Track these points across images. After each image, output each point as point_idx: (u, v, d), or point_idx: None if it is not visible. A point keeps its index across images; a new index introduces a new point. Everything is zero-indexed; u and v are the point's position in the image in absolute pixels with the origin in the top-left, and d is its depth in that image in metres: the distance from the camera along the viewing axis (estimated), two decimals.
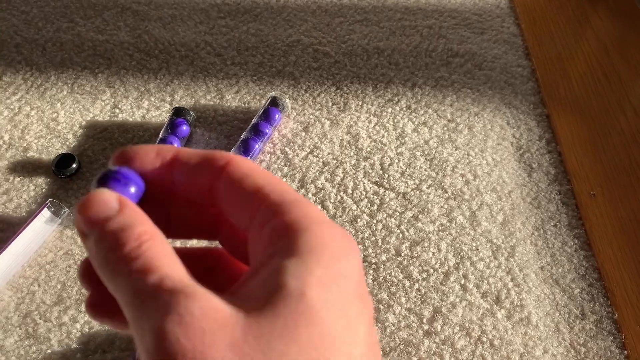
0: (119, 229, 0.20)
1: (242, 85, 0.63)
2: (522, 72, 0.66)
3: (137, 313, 0.18)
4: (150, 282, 0.18)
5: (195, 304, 0.18)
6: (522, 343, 0.47)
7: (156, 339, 0.17)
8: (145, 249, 0.20)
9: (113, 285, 0.20)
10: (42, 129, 0.58)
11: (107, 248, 0.20)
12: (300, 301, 0.18)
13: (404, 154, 0.57)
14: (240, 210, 0.22)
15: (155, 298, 0.18)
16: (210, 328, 0.17)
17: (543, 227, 0.54)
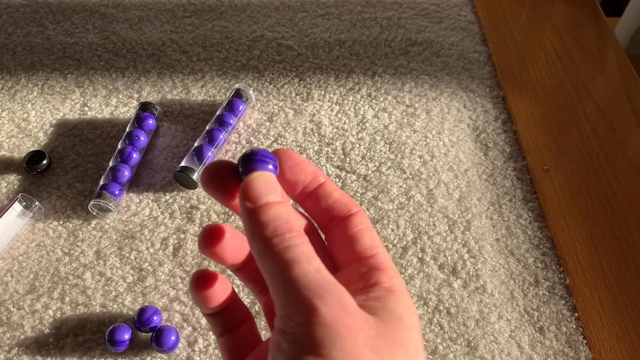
0: (287, 215, 0.24)
1: (207, 79, 0.65)
2: (479, 58, 0.68)
3: (297, 285, 0.22)
4: (314, 266, 0.23)
5: (348, 298, 0.23)
6: (477, 310, 0.49)
7: (320, 307, 0.21)
8: (303, 241, 0.24)
9: (268, 255, 0.23)
10: (13, 129, 0.60)
11: (275, 226, 0.24)
12: (412, 332, 0.24)
13: (365, 139, 0.60)
14: (346, 250, 0.27)
15: (319, 280, 0.22)
16: (359, 319, 0.22)
17: (498, 202, 0.56)
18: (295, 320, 0.22)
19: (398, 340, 0.23)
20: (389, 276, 0.26)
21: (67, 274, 0.50)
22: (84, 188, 0.56)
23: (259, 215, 0.24)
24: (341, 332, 0.21)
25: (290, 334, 0.22)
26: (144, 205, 0.54)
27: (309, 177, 0.28)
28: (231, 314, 0.30)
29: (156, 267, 0.50)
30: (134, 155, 0.56)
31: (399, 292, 0.25)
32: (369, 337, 0.22)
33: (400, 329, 0.23)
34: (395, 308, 0.24)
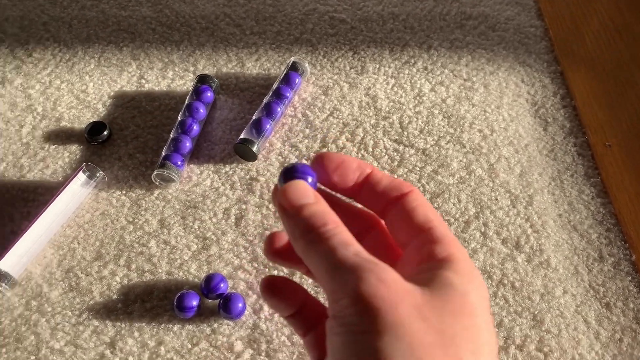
0: (320, 212, 0.26)
1: (261, 53, 0.65)
2: (535, 32, 0.67)
3: (339, 270, 0.24)
4: (352, 251, 0.24)
5: (388, 272, 0.23)
6: (542, 284, 0.48)
7: (360, 286, 0.22)
8: (340, 230, 0.25)
9: (311, 251, 0.25)
10: (72, 100, 0.61)
11: (310, 224, 0.25)
12: (464, 298, 0.24)
13: (422, 113, 0.59)
14: (405, 229, 0.28)
15: (357, 261, 0.23)
16: (400, 290, 0.23)
17: (560, 177, 0.55)
18: (342, 303, 0.23)
19: (448, 306, 0.23)
20: (445, 246, 0.26)
21: (132, 242, 0.51)
22: (144, 159, 0.56)
23: (294, 217, 0.26)
24: (382, 306, 0.22)
25: (339, 317, 0.23)
26: (204, 177, 0.55)
27: (356, 172, 0.29)
28: (308, 313, 0.31)
29: (219, 237, 0.51)
30: (195, 127, 0.56)
31: (456, 260, 0.25)
32: (413, 306, 0.22)
33: (450, 296, 0.23)
34: (448, 276, 0.24)
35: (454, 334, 0.22)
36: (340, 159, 0.29)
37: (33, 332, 0.46)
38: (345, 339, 0.23)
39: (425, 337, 0.22)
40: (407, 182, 0.29)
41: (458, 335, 0.22)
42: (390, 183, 0.29)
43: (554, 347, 0.45)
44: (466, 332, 0.23)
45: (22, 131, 0.58)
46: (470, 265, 0.26)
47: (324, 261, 0.24)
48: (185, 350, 0.45)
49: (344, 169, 0.29)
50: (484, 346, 0.23)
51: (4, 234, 0.51)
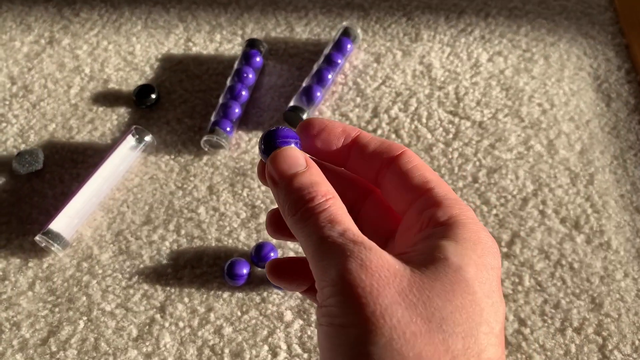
0: (308, 183, 0.23)
1: (311, 17, 0.63)
2: (600, 2, 0.63)
3: (323, 254, 0.22)
4: (337, 231, 0.22)
5: (373, 254, 0.21)
6: (602, 267, 0.47)
7: (340, 274, 0.21)
8: (330, 204, 0.23)
9: (298, 230, 0.23)
10: (120, 62, 0.60)
11: (297, 198, 0.23)
12: (458, 273, 0.21)
13: (479, 84, 0.57)
14: (402, 195, 0.25)
15: (341, 244, 0.21)
16: (385, 275, 0.21)
17: (622, 156, 0.53)
18: (325, 292, 0.21)
19: (437, 287, 0.21)
20: (445, 209, 0.23)
21: (182, 208, 0.50)
22: (193, 124, 0.55)
23: (283, 190, 0.24)
24: (362, 295, 0.20)
25: (324, 307, 0.21)
26: (253, 144, 0.54)
27: (341, 137, 0.26)
28: None
29: (269, 205, 0.50)
30: (244, 92, 0.55)
31: (458, 225, 0.22)
32: (398, 292, 0.20)
33: (442, 274, 0.21)
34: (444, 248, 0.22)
35: (442, 318, 0.20)
36: (323, 123, 0.26)
37: (85, 294, 0.46)
38: (327, 331, 0.21)
39: (408, 327, 0.20)
40: (397, 144, 0.26)
41: (447, 319, 0.20)
42: (380, 145, 0.26)
43: (613, 331, 0.44)
44: (458, 314, 0.20)
45: (70, 92, 0.58)
46: (475, 228, 0.23)
47: (310, 242, 0.22)
48: (235, 317, 0.45)
49: (327, 134, 0.26)
50: (481, 326, 0.20)
51: (54, 195, 0.51)
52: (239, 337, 0.44)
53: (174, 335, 0.44)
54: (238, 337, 0.44)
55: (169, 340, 0.44)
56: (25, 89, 0.58)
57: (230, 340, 0.44)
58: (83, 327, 0.45)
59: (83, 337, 0.44)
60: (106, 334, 0.44)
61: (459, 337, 0.20)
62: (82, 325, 0.45)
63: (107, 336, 0.44)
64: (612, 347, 0.43)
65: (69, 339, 0.44)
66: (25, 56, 0.61)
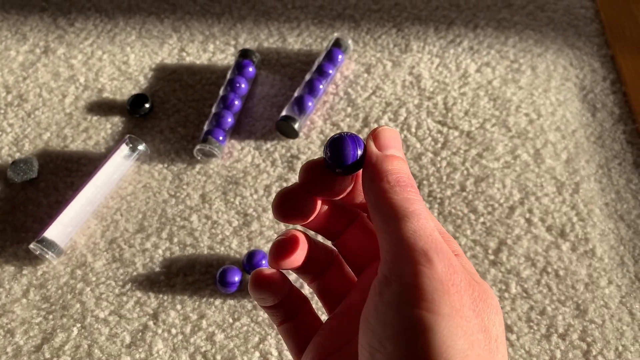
0: (408, 173, 0.24)
1: (303, 28, 0.64)
2: (586, 14, 0.65)
3: (411, 237, 0.22)
4: (431, 225, 0.23)
5: (454, 259, 0.23)
6: (587, 274, 0.48)
7: (431, 267, 0.22)
8: (420, 199, 0.24)
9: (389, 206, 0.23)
10: (114, 72, 0.61)
11: (400, 177, 0.24)
12: (498, 305, 0.24)
13: (468, 94, 0.58)
14: None
15: (434, 239, 0.22)
16: (464, 280, 0.22)
17: (607, 165, 0.54)
18: (406, 269, 0.22)
19: (488, 302, 0.23)
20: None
21: (174, 216, 0.51)
22: (186, 133, 0.56)
23: (385, 162, 0.24)
24: (450, 289, 0.21)
25: (396, 283, 0.22)
26: (245, 153, 0.55)
27: None
28: (289, 302, 0.29)
29: (260, 213, 0.51)
30: (236, 102, 0.55)
31: None
32: (472, 299, 0.22)
33: (490, 299, 0.23)
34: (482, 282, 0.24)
35: (497, 336, 0.22)
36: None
37: (78, 301, 0.47)
38: (399, 311, 0.22)
39: (477, 334, 0.22)
40: None
41: (499, 339, 0.23)
42: None
43: (597, 337, 0.45)
44: (501, 336, 0.23)
45: (65, 101, 0.59)
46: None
47: (402, 220, 0.23)
48: (227, 324, 0.46)
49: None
50: (506, 356, 0.23)
51: (49, 203, 0.52)
52: (230, 344, 0.45)
53: (166, 342, 0.45)
54: (230, 344, 0.45)
55: (162, 347, 0.45)
56: (20, 98, 0.59)
57: (222, 347, 0.45)
58: (77, 334, 0.45)
59: (77, 343, 0.45)
60: (99, 340, 0.45)
61: (501, 355, 0.23)
62: (76, 332, 0.45)
63: (100, 343, 0.45)
64: (596, 353, 0.44)
65: (62, 346, 0.45)
66: (21, 65, 0.61)
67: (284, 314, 0.29)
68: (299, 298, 0.29)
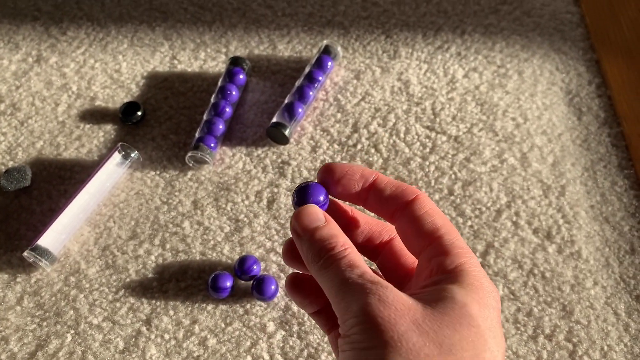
0: (328, 235, 0.28)
1: (293, 35, 0.65)
2: (571, 19, 0.66)
3: (345, 293, 0.26)
4: (356, 273, 0.26)
5: (389, 292, 0.25)
6: (572, 275, 0.48)
7: (362, 308, 0.25)
8: (348, 252, 0.27)
9: (322, 275, 0.27)
10: (106, 80, 0.61)
11: (320, 248, 0.28)
12: (464, 309, 0.25)
13: (455, 99, 0.59)
14: (414, 240, 0.29)
15: (361, 284, 0.25)
16: (400, 307, 0.25)
17: (593, 168, 0.55)
18: (348, 323, 0.25)
19: (445, 319, 0.24)
20: (453, 258, 0.27)
21: (167, 222, 0.52)
22: (178, 140, 0.57)
23: (307, 241, 0.28)
24: (382, 323, 0.24)
25: (347, 336, 0.25)
26: (237, 159, 0.55)
27: (360, 181, 0.30)
28: (333, 311, 0.31)
29: (252, 219, 0.52)
30: (227, 109, 0.56)
31: (463, 273, 0.26)
32: (412, 322, 0.24)
33: (449, 309, 0.25)
34: (451, 290, 0.25)
35: (451, 344, 0.24)
36: (343, 170, 0.30)
37: (72, 307, 0.47)
38: (352, 355, 0.25)
39: (423, 349, 0.23)
40: (412, 187, 0.29)
41: (456, 345, 0.24)
42: (396, 189, 0.29)
43: (583, 337, 0.46)
44: (465, 342, 0.24)
45: (57, 110, 0.59)
46: (478, 275, 0.27)
47: (333, 284, 0.27)
48: (219, 329, 0.46)
49: (347, 180, 0.30)
50: (485, 352, 0.24)
51: (42, 211, 0.53)
52: (223, 348, 0.45)
53: (159, 347, 0.46)
54: (222, 348, 0.45)
55: (155, 352, 0.45)
56: (13, 107, 0.59)
57: (214, 352, 0.45)
58: (70, 340, 0.46)
59: (70, 350, 0.45)
60: (93, 346, 0.46)
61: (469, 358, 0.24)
62: (70, 339, 0.46)
63: (94, 349, 0.46)
64: (582, 353, 0.45)
65: (56, 352, 0.45)
66: (13, 74, 0.62)
67: (328, 322, 0.32)
68: None
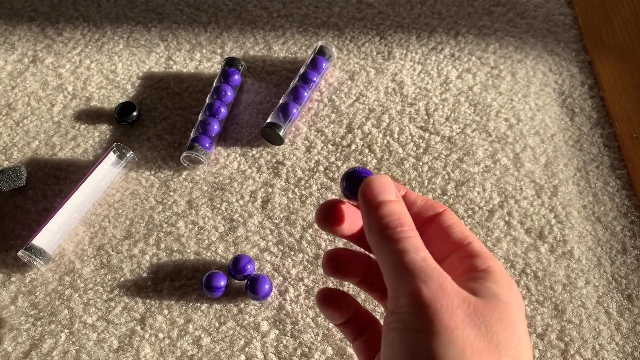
0: (399, 212, 0.28)
1: (288, 36, 0.65)
2: (565, 20, 0.66)
3: (405, 270, 0.26)
4: (421, 256, 0.26)
5: (448, 282, 0.26)
6: (564, 275, 0.49)
7: (420, 289, 0.25)
8: (414, 234, 0.27)
9: (383, 246, 0.27)
10: (102, 80, 0.62)
11: (390, 220, 0.27)
12: (508, 308, 0.26)
13: (449, 100, 0.59)
14: (443, 245, 0.30)
15: (423, 267, 0.26)
16: (457, 299, 0.25)
17: (585, 168, 0.55)
18: (402, 300, 0.25)
19: (495, 315, 0.25)
20: (484, 260, 0.28)
21: (161, 222, 0.52)
22: (173, 140, 0.57)
23: (375, 211, 0.28)
24: (439, 310, 0.24)
25: (397, 314, 0.25)
26: (232, 159, 0.56)
27: None
28: (358, 321, 0.33)
29: (246, 219, 0.52)
30: (222, 109, 0.56)
31: (496, 273, 0.27)
32: (466, 314, 0.25)
33: (497, 305, 0.26)
34: (492, 286, 0.26)
35: (499, 342, 0.25)
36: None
37: (67, 307, 0.48)
38: (400, 335, 0.25)
39: (475, 343, 0.24)
40: (439, 203, 0.32)
41: (502, 343, 0.25)
42: (425, 203, 0.31)
43: (574, 337, 0.46)
44: (510, 341, 0.25)
45: (53, 110, 0.59)
46: (507, 277, 0.28)
47: (393, 258, 0.26)
48: (213, 328, 0.46)
49: None
50: (522, 353, 0.25)
51: (37, 211, 0.53)
52: (216, 347, 0.46)
53: (153, 346, 0.46)
54: (216, 347, 0.46)
55: (149, 351, 0.46)
56: (9, 107, 0.59)
57: (208, 351, 0.46)
58: (65, 339, 0.46)
59: (65, 349, 0.46)
60: (87, 346, 0.46)
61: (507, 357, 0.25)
62: (64, 338, 0.46)
63: (88, 348, 0.46)
64: (574, 352, 0.45)
65: (50, 352, 0.45)
66: (9, 75, 0.62)
67: (354, 331, 0.33)
68: (367, 318, 0.34)
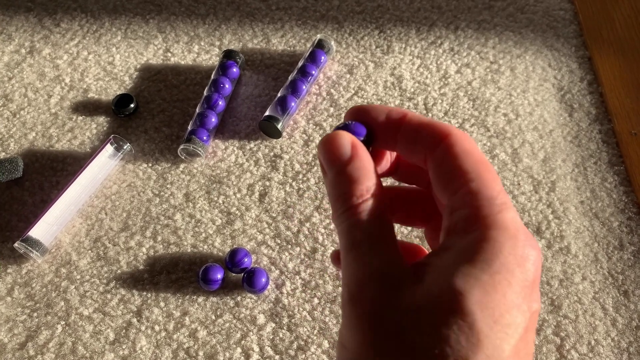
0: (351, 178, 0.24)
1: (287, 29, 0.65)
2: (564, 15, 0.66)
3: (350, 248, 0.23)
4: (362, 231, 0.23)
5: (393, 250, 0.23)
6: (561, 270, 0.49)
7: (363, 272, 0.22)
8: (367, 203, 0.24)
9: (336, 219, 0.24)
10: (99, 72, 0.61)
11: (340, 191, 0.24)
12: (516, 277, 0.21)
13: (448, 95, 0.59)
14: (443, 187, 0.24)
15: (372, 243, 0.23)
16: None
17: (583, 164, 0.55)
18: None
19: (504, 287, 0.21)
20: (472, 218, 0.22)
21: (158, 214, 0.52)
22: (170, 132, 0.57)
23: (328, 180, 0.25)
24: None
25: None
26: (229, 152, 0.55)
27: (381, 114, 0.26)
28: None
29: (243, 212, 0.52)
30: (220, 102, 0.56)
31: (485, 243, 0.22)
32: None
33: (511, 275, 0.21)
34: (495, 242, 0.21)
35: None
36: (368, 107, 0.26)
37: (63, 299, 0.48)
38: None
39: None
40: (445, 124, 0.24)
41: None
42: (427, 126, 0.25)
43: (570, 332, 0.46)
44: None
45: (50, 101, 0.59)
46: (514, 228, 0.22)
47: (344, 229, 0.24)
48: (210, 321, 0.46)
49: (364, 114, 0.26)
50: None
51: (34, 203, 0.53)
52: (213, 340, 0.46)
53: (149, 338, 0.46)
54: (212, 340, 0.46)
55: (145, 343, 0.45)
56: (6, 98, 0.59)
57: (204, 343, 0.46)
58: (61, 331, 0.46)
59: (61, 341, 0.46)
60: (84, 337, 0.46)
61: None
62: (60, 330, 0.46)
63: (84, 340, 0.46)
64: (570, 347, 0.45)
65: (46, 343, 0.45)
66: (6, 65, 0.62)
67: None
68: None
